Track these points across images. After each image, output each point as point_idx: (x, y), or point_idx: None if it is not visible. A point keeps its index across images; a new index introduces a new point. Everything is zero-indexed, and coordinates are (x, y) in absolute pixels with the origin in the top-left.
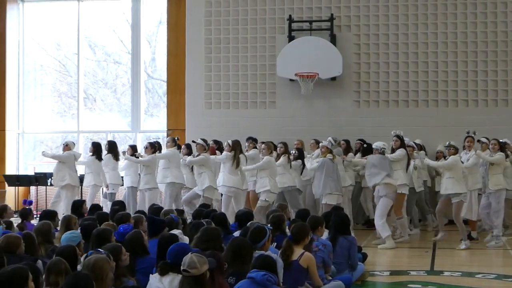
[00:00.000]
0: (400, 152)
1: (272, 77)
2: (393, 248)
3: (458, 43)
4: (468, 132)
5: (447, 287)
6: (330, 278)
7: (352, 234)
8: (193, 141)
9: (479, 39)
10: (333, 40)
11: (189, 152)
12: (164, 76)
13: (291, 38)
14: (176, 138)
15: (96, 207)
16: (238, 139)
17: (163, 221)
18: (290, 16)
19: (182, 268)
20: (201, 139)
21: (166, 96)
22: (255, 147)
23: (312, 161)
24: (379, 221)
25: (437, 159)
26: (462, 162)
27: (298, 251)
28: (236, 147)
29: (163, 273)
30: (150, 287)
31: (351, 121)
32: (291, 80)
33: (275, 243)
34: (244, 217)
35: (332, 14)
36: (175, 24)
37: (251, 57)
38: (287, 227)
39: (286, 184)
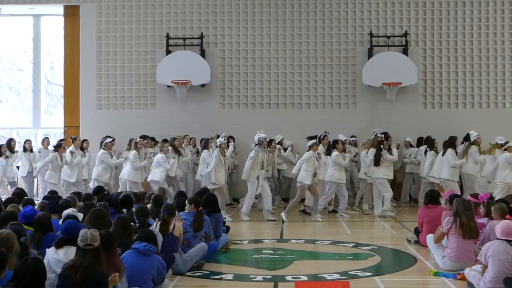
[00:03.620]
0: None
1: (153, 83)
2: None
3: (302, 58)
4: (326, 132)
5: (291, 251)
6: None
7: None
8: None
9: (319, 55)
10: (202, 54)
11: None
12: (61, 81)
13: (168, 52)
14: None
15: None
16: (124, 135)
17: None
18: (167, 34)
19: (84, 242)
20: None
21: (63, 98)
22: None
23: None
24: None
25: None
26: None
27: (172, 224)
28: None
29: (58, 246)
30: (47, 259)
31: (217, 120)
32: (168, 86)
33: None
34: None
35: (202, 33)
36: (70, 38)
37: (135, 67)
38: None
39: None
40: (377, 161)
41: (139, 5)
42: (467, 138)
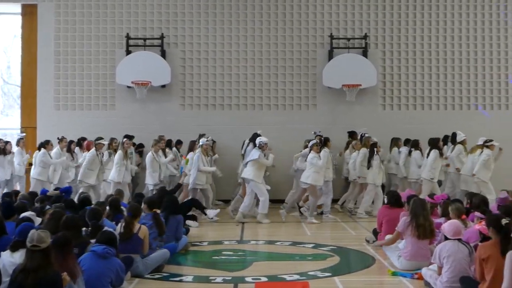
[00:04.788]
0: None
1: (112, 84)
2: None
3: (262, 59)
4: (314, 133)
5: (251, 253)
6: (161, 243)
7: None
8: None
9: (279, 56)
10: (163, 54)
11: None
12: (18, 81)
13: (128, 52)
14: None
15: None
16: (83, 136)
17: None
18: (127, 34)
19: (31, 244)
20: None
21: (20, 98)
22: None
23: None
24: None
25: None
26: None
27: (136, 225)
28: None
29: (14, 249)
30: (2, 262)
31: (178, 120)
32: (128, 86)
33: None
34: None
35: (162, 34)
36: (28, 37)
37: (95, 67)
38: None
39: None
40: (369, 164)
41: (99, 5)
42: (446, 139)
